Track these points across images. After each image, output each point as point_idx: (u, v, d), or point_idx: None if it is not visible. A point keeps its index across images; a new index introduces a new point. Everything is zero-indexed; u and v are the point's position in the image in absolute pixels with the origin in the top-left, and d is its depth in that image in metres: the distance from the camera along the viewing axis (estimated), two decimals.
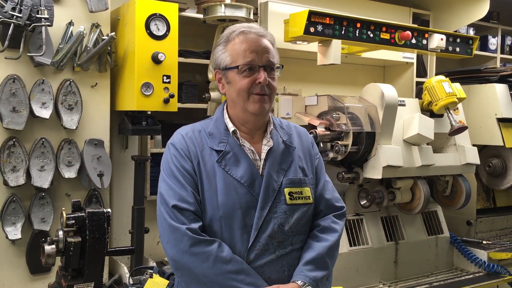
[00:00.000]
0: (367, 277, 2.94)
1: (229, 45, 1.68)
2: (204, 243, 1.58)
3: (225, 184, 1.64)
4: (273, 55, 1.69)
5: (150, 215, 3.03)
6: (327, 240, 1.73)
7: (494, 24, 4.95)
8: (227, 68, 1.68)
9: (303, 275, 1.64)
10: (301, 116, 2.94)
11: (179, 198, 1.61)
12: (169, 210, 1.61)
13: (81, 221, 2.05)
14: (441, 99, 2.98)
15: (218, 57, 1.70)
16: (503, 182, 3.56)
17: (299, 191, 1.72)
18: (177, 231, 1.58)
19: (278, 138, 1.76)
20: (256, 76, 1.64)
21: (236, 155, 1.68)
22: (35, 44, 2.63)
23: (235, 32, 1.68)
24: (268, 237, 1.64)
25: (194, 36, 3.54)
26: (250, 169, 1.67)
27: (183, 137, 1.71)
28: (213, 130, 1.72)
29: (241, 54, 1.64)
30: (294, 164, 1.74)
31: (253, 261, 1.63)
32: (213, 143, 1.69)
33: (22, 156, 2.62)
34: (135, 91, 2.70)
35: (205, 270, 1.56)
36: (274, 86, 1.69)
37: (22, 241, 2.67)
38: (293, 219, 1.69)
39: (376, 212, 3.08)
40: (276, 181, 1.68)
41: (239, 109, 1.69)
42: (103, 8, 2.81)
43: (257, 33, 1.67)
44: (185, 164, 1.66)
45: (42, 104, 2.67)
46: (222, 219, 1.63)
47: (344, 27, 2.83)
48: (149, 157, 3.06)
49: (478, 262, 3.21)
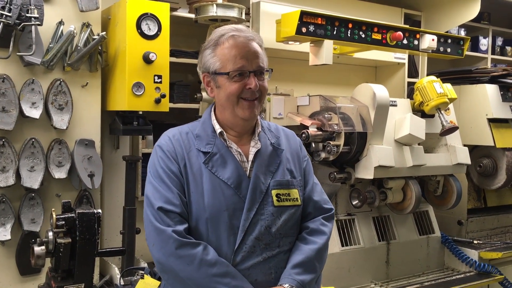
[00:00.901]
0: (358, 277, 2.94)
1: (218, 49, 1.66)
2: (189, 245, 1.57)
3: (212, 186, 1.63)
4: (263, 59, 1.68)
5: (141, 215, 2.96)
6: (316, 242, 1.73)
7: (485, 25, 4.98)
8: (216, 73, 1.66)
9: (291, 278, 1.63)
10: (293, 116, 2.94)
11: (165, 200, 1.61)
12: (154, 212, 1.60)
13: (71, 222, 2.04)
14: (432, 99, 2.99)
15: (207, 61, 1.69)
16: (493, 182, 3.58)
17: (287, 193, 1.71)
18: (163, 233, 1.57)
19: (266, 141, 1.75)
20: (246, 82, 1.64)
21: (223, 156, 1.67)
22: (25, 43, 2.61)
23: (224, 36, 1.66)
24: (255, 239, 1.63)
25: (186, 36, 3.53)
26: (237, 171, 1.66)
27: (170, 139, 1.70)
28: (200, 132, 1.72)
29: (231, 60, 1.63)
30: (282, 166, 1.74)
31: (240, 264, 1.62)
32: (200, 145, 1.68)
33: (11, 157, 2.59)
34: (126, 91, 2.69)
35: (190, 273, 1.55)
36: (264, 87, 1.69)
37: (12, 242, 2.65)
38: (280, 221, 1.68)
39: (368, 212, 3.08)
40: (263, 183, 1.67)
41: (228, 113, 1.69)
42: (94, 7, 2.79)
43: (247, 37, 1.66)
44: (172, 166, 1.65)
45: (32, 104, 2.64)
46: (208, 220, 1.62)
47: (336, 27, 2.84)
48: (140, 157, 3.05)
49: (469, 262, 3.22)
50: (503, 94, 3.50)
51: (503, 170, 3.49)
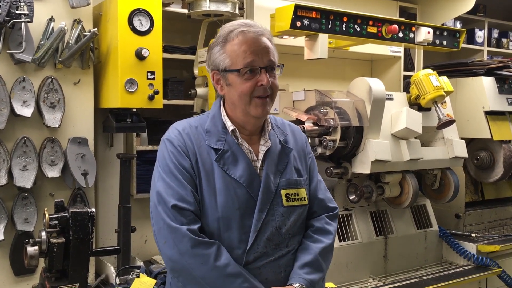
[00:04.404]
0: (357, 272, 2.93)
1: (227, 45, 1.62)
2: (204, 244, 1.55)
3: (224, 184, 1.60)
4: (273, 54, 1.64)
5: (136, 213, 2.99)
6: (322, 241, 1.72)
7: (480, 17, 4.97)
8: (226, 70, 1.62)
9: (301, 278, 1.63)
10: (288, 112, 2.92)
11: (179, 198, 1.57)
12: (167, 209, 1.56)
13: (64, 222, 2.01)
14: (429, 92, 2.98)
15: (216, 58, 1.64)
16: (491, 175, 3.57)
17: (295, 192, 1.70)
18: (177, 231, 1.54)
19: (276, 139, 1.73)
20: (258, 79, 1.60)
21: (235, 154, 1.64)
22: (15, 41, 2.56)
23: (234, 32, 1.61)
24: (266, 239, 1.62)
25: (180, 32, 3.49)
26: (249, 169, 1.64)
27: (180, 133, 1.65)
28: (210, 127, 1.67)
29: (241, 56, 1.59)
30: (290, 165, 1.72)
31: (251, 263, 1.62)
32: (211, 141, 1.64)
33: (3, 156, 2.56)
34: (119, 88, 2.65)
35: (204, 272, 1.54)
36: (276, 85, 1.65)
37: (5, 242, 2.62)
38: (289, 221, 1.67)
39: (365, 207, 3.07)
40: (273, 183, 1.66)
41: (240, 111, 1.65)
42: (85, 3, 2.74)
43: (256, 32, 1.61)
44: (184, 162, 1.61)
45: (23, 102, 2.60)
46: (220, 219, 1.60)
47: (330, 21, 2.81)
48: (134, 155, 3.02)
49: (467, 255, 3.21)
50: (500, 86, 3.49)
51: (500, 163, 3.48)
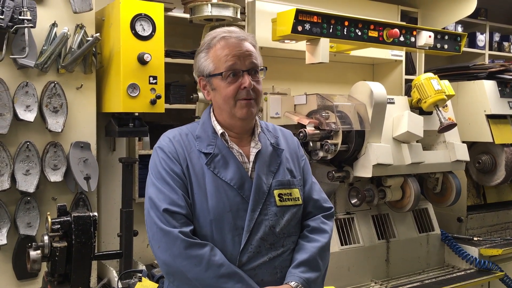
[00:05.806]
0: (358, 276, 2.93)
1: (210, 51, 1.68)
2: (197, 246, 1.57)
3: (215, 187, 1.63)
4: (256, 57, 1.69)
5: (139, 217, 2.98)
6: (318, 241, 1.74)
7: (482, 21, 4.96)
8: (210, 75, 1.67)
9: (296, 276, 1.64)
10: (290, 116, 2.93)
11: (170, 202, 1.60)
12: (159, 214, 1.59)
13: (67, 226, 2.01)
14: (430, 96, 2.98)
15: (201, 64, 1.70)
16: (493, 178, 3.56)
17: (288, 192, 1.72)
18: (169, 234, 1.56)
19: (266, 141, 1.76)
20: (240, 82, 1.64)
21: (225, 157, 1.67)
22: (18, 46, 2.58)
23: (216, 38, 1.68)
24: (260, 239, 1.64)
25: (181, 36, 3.50)
26: (239, 172, 1.66)
27: (171, 140, 1.70)
28: (200, 133, 1.72)
29: (223, 60, 1.64)
30: (282, 166, 1.75)
31: (246, 264, 1.62)
32: (201, 146, 1.68)
33: (6, 160, 2.57)
34: (121, 92, 2.66)
35: (198, 274, 1.55)
36: (259, 90, 1.70)
37: (8, 247, 2.62)
38: (283, 220, 1.69)
39: (367, 211, 3.07)
40: (265, 183, 1.68)
41: (226, 114, 1.69)
42: (88, 8, 2.76)
43: (238, 37, 1.67)
44: (174, 167, 1.65)
45: (26, 107, 2.62)
46: (212, 222, 1.62)
47: (332, 25, 2.82)
48: (137, 159, 3.02)
49: (470, 259, 3.21)
50: (501, 90, 3.49)
51: (502, 166, 3.48)
